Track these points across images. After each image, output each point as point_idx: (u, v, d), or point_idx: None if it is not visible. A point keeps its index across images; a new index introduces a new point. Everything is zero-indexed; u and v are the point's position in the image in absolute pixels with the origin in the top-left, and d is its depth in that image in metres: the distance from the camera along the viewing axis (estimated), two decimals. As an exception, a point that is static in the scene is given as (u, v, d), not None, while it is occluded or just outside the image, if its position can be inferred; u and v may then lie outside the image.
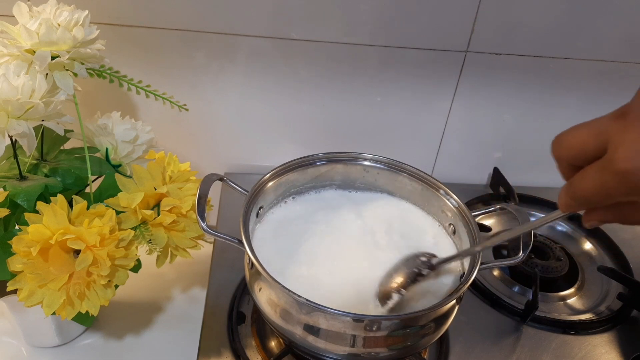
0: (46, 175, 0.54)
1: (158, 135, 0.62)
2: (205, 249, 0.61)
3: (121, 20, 0.68)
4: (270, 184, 0.57)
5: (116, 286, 0.51)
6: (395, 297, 0.49)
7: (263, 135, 0.81)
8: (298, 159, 0.60)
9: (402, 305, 0.50)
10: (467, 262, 0.52)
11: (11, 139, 0.48)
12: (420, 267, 0.51)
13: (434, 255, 0.52)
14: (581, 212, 0.35)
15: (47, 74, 0.49)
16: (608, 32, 0.76)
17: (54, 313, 0.49)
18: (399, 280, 0.50)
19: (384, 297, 0.50)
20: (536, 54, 0.77)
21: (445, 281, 0.54)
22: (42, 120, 0.49)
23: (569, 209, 0.34)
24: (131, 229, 0.53)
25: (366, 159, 0.62)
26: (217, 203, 0.79)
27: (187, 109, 0.59)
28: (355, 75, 0.76)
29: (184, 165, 0.59)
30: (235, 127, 0.80)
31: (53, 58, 0.48)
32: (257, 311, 0.61)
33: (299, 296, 0.44)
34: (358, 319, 0.45)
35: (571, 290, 0.71)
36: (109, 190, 0.55)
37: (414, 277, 0.50)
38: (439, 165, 0.87)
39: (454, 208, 0.57)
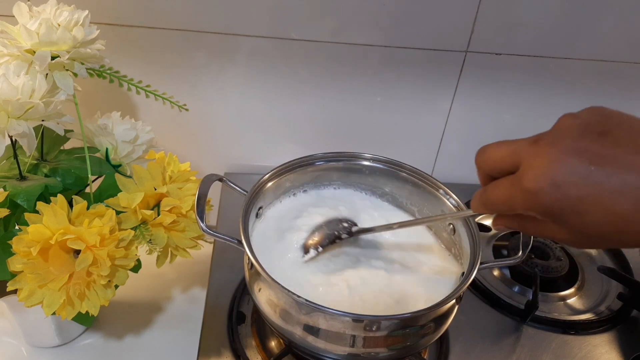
0: (46, 175, 0.54)
1: (158, 135, 0.62)
2: (205, 249, 0.61)
3: (121, 20, 0.68)
4: (269, 184, 0.57)
5: (116, 286, 0.51)
6: (312, 253, 0.54)
7: (263, 135, 0.81)
8: (298, 159, 0.59)
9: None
10: (466, 262, 0.52)
11: (11, 139, 0.48)
12: (340, 231, 0.55)
13: (355, 224, 0.56)
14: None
15: (47, 74, 0.49)
16: (608, 32, 0.76)
17: (54, 313, 0.49)
18: (318, 237, 0.55)
19: (305, 249, 0.55)
20: (536, 54, 0.77)
21: (445, 281, 0.54)
22: (42, 120, 0.49)
23: (478, 211, 0.40)
24: (131, 229, 0.53)
25: (366, 159, 0.62)
26: (217, 203, 0.79)
27: (187, 109, 0.59)
28: (355, 75, 0.76)
29: (184, 165, 0.59)
30: (235, 127, 0.80)
31: (53, 58, 0.48)
32: (257, 311, 0.61)
33: (299, 296, 0.44)
34: (357, 319, 0.45)
35: (571, 290, 0.71)
36: (109, 190, 0.55)
37: (333, 239, 0.55)
38: (439, 165, 0.87)
39: (453, 208, 0.57)
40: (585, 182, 0.31)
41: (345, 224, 0.56)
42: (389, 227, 0.54)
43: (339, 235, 0.55)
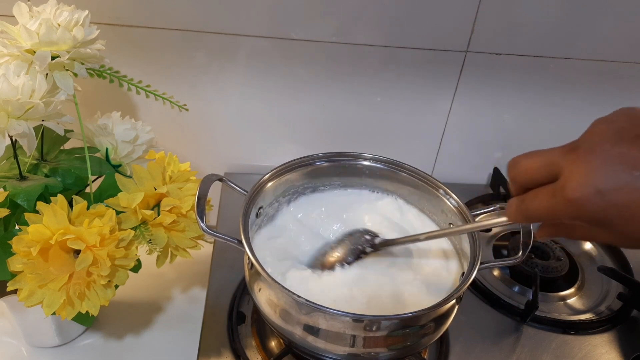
0: (46, 175, 0.54)
1: (158, 135, 0.62)
2: (205, 249, 0.61)
3: (121, 20, 0.68)
4: (269, 184, 0.57)
5: (116, 286, 0.51)
6: (339, 269, 0.52)
7: (263, 135, 0.81)
8: (298, 159, 0.60)
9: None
10: (466, 262, 0.52)
11: (11, 139, 0.48)
12: (364, 245, 0.54)
13: (376, 235, 0.54)
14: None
15: (47, 74, 0.49)
16: (608, 32, 0.76)
17: (54, 313, 0.49)
18: (342, 253, 0.54)
19: (324, 266, 0.53)
20: (536, 54, 0.77)
21: (445, 280, 0.54)
22: (42, 120, 0.49)
23: (515, 220, 0.39)
24: (131, 229, 0.53)
25: (366, 159, 0.62)
26: (217, 203, 0.79)
27: (187, 109, 0.59)
28: (355, 75, 0.76)
29: (184, 165, 0.59)
30: (235, 127, 0.80)
31: (53, 58, 0.48)
32: (257, 311, 0.61)
33: (299, 296, 0.44)
34: (358, 319, 0.45)
35: (571, 290, 0.71)
36: (109, 190, 0.55)
37: (358, 254, 0.53)
38: (439, 165, 0.87)
39: (453, 208, 0.57)
40: (630, 187, 0.31)
41: (368, 237, 0.54)
42: (415, 238, 0.53)
43: (363, 250, 0.53)
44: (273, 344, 0.60)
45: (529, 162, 0.36)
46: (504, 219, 0.41)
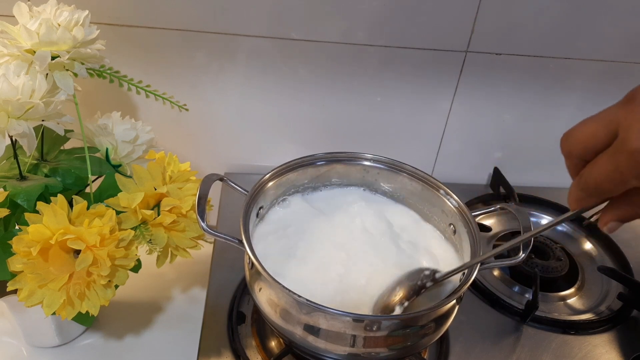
0: (46, 175, 0.54)
1: (158, 135, 0.62)
2: (205, 249, 0.61)
3: (121, 20, 0.68)
4: (270, 184, 0.57)
5: (116, 286, 0.51)
6: (398, 310, 0.50)
7: (263, 135, 0.81)
8: (298, 159, 0.60)
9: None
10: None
11: (11, 139, 0.48)
12: (424, 280, 0.51)
13: (436, 270, 0.52)
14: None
15: (47, 74, 0.49)
16: (608, 32, 0.76)
17: (54, 313, 0.49)
18: (403, 292, 0.51)
19: (385, 310, 0.50)
20: (536, 54, 0.77)
21: (445, 280, 0.54)
22: (42, 120, 0.49)
23: (580, 204, 0.34)
24: (131, 229, 0.53)
25: (366, 159, 0.62)
26: (217, 203, 0.79)
27: (187, 109, 0.59)
28: (355, 75, 0.76)
29: (184, 165, 0.59)
30: (235, 127, 0.80)
31: (53, 58, 0.48)
32: (257, 311, 0.61)
33: (299, 296, 0.44)
34: (358, 319, 0.45)
35: (571, 290, 0.71)
36: (109, 190, 0.55)
37: (418, 290, 0.51)
38: (439, 165, 0.87)
39: (454, 208, 0.57)
40: None
41: (427, 272, 0.52)
42: (472, 262, 0.50)
43: (423, 285, 0.51)
44: (273, 344, 0.60)
45: (583, 129, 0.32)
46: (568, 213, 0.36)
